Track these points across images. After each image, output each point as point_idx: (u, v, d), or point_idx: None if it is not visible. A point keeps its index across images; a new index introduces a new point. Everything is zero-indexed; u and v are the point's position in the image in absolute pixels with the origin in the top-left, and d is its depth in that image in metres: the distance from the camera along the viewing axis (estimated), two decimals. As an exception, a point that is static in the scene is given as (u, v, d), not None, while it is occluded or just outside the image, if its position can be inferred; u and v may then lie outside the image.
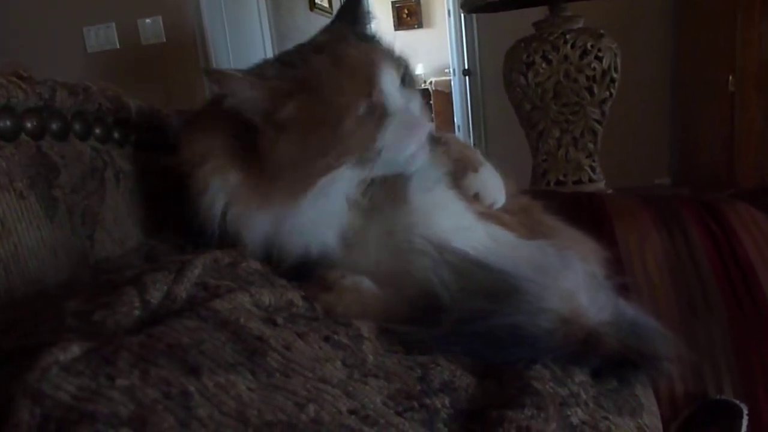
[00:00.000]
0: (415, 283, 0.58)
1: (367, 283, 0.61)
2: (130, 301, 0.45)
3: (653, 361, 0.58)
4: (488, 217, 0.68)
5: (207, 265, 0.53)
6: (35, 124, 0.62)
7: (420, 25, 8.18)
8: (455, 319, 0.52)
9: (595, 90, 2.29)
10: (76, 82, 0.70)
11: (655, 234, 1.01)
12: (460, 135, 4.87)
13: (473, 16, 3.91)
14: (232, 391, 0.37)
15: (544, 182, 2.44)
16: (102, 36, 2.84)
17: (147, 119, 0.82)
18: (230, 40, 3.07)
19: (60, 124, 0.66)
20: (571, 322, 0.55)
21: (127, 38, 2.83)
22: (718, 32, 3.03)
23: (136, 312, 0.45)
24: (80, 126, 0.69)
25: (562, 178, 2.42)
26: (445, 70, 6.89)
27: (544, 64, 2.29)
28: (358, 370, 0.46)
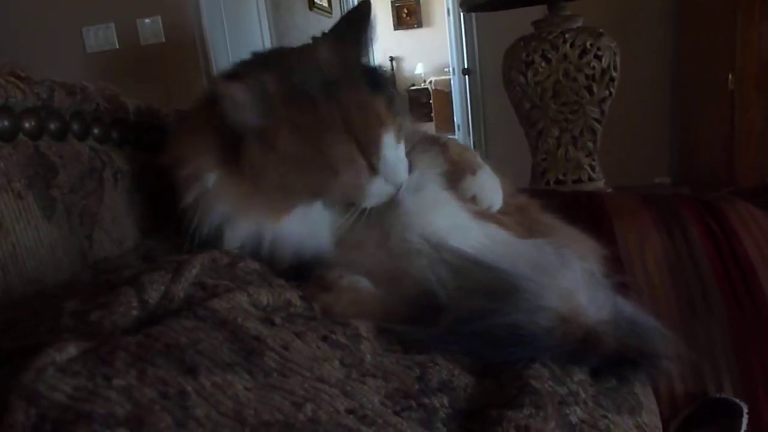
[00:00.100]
0: (413, 283, 0.58)
1: (365, 282, 0.60)
2: (127, 301, 0.45)
3: (652, 360, 0.58)
4: (484, 217, 0.68)
5: (205, 265, 0.52)
6: (33, 124, 0.62)
7: (419, 25, 8.18)
8: (453, 318, 0.52)
9: (595, 89, 2.29)
10: (74, 82, 0.70)
11: (655, 233, 1.01)
12: (460, 134, 4.87)
13: (472, 15, 3.91)
14: (229, 391, 0.37)
15: (544, 181, 2.44)
16: (101, 36, 2.84)
17: (145, 119, 0.82)
18: (229, 39, 3.06)
19: (58, 124, 0.66)
20: (569, 321, 0.55)
21: (127, 38, 2.83)
22: (718, 32, 3.03)
23: (134, 312, 0.44)
24: (78, 126, 0.69)
25: (561, 177, 2.42)
26: (445, 69, 6.90)
27: (543, 63, 2.29)
28: (356, 369, 0.46)
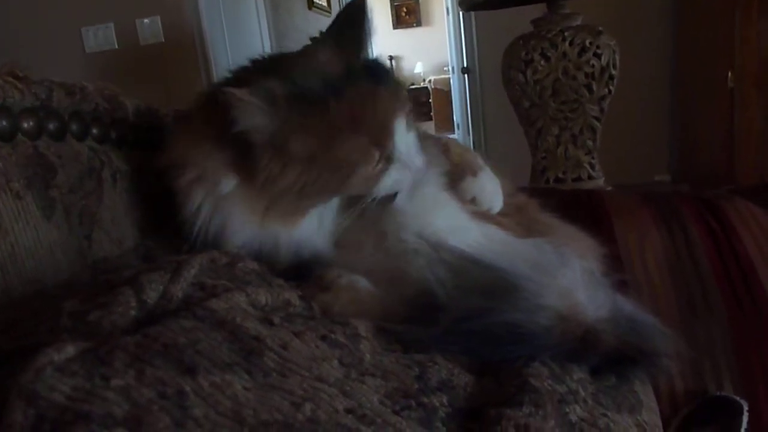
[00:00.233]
0: (412, 282, 0.58)
1: (364, 282, 0.60)
2: (126, 301, 0.45)
3: (652, 358, 0.58)
4: (483, 217, 0.68)
5: (204, 265, 0.52)
6: (32, 124, 0.62)
7: (419, 24, 8.18)
8: (452, 317, 0.52)
9: (594, 87, 2.29)
10: (73, 82, 0.70)
11: (655, 232, 1.01)
12: (460, 133, 4.87)
13: (472, 14, 3.91)
14: (228, 391, 0.37)
15: (544, 179, 2.44)
16: (100, 36, 2.84)
17: (144, 119, 0.82)
18: (229, 39, 3.06)
19: (57, 124, 0.66)
20: (569, 320, 0.55)
21: (126, 38, 2.83)
22: (717, 30, 3.03)
23: (133, 312, 0.44)
24: (77, 126, 0.69)
25: (561, 176, 2.42)
26: (444, 68, 6.90)
27: (542, 62, 2.29)
28: (355, 369, 0.46)
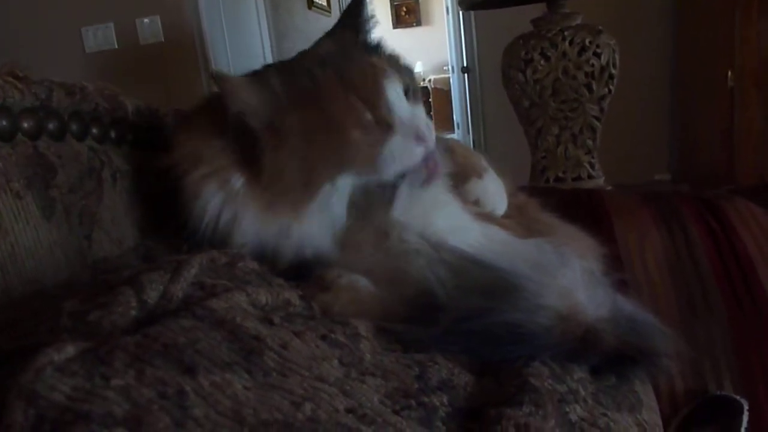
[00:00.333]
0: (413, 282, 0.57)
1: (364, 282, 0.60)
2: (126, 300, 0.45)
3: (652, 358, 0.58)
4: (484, 218, 0.68)
5: (204, 265, 0.52)
6: (32, 124, 0.62)
7: (418, 23, 8.18)
8: (452, 317, 0.52)
9: (594, 87, 2.29)
10: (73, 82, 0.70)
11: (655, 231, 1.01)
12: (459, 132, 4.87)
13: (471, 14, 3.91)
14: (228, 391, 0.37)
15: (543, 179, 2.44)
16: (100, 36, 2.84)
17: (144, 119, 0.82)
18: (229, 39, 3.07)
19: (57, 124, 0.66)
20: (569, 319, 0.54)
21: (126, 38, 2.84)
22: (717, 30, 3.03)
23: (133, 312, 0.44)
24: (77, 126, 0.69)
25: (561, 175, 2.42)
26: (444, 68, 6.90)
27: (542, 61, 2.29)
28: (356, 368, 0.46)
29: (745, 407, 0.82)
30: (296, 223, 0.61)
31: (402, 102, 0.62)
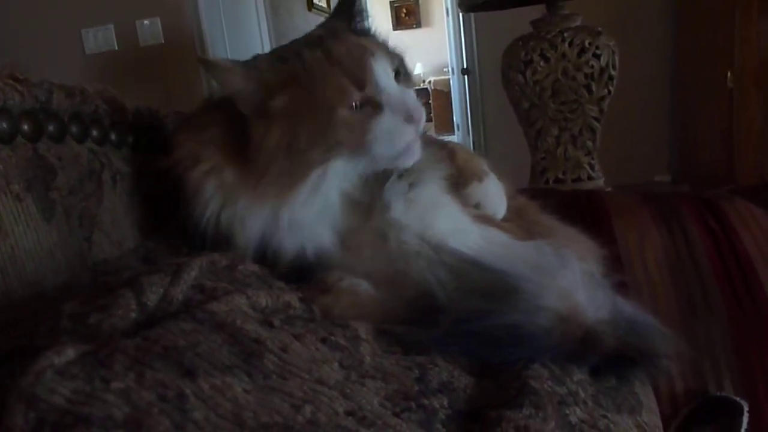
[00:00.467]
0: (413, 284, 0.57)
1: (365, 285, 0.60)
2: (126, 303, 0.45)
3: (652, 359, 0.58)
4: (484, 220, 0.68)
5: (204, 267, 0.52)
6: (32, 126, 0.62)
7: (418, 25, 8.18)
8: (452, 319, 0.52)
9: (593, 88, 2.29)
10: (73, 84, 0.70)
11: (655, 231, 1.01)
12: (459, 134, 4.87)
13: (471, 15, 3.91)
14: (228, 393, 0.37)
15: (543, 180, 2.44)
16: (100, 38, 2.84)
17: (144, 120, 0.82)
18: (228, 41, 3.07)
19: (57, 126, 0.66)
20: (569, 321, 0.55)
21: (126, 40, 2.84)
22: (717, 30, 3.03)
23: (133, 314, 0.44)
24: (77, 128, 0.69)
25: (561, 176, 2.42)
26: (444, 70, 6.89)
27: (542, 63, 2.29)
28: (356, 371, 0.46)
29: (745, 408, 0.82)
30: (285, 206, 0.60)
31: (390, 81, 0.62)
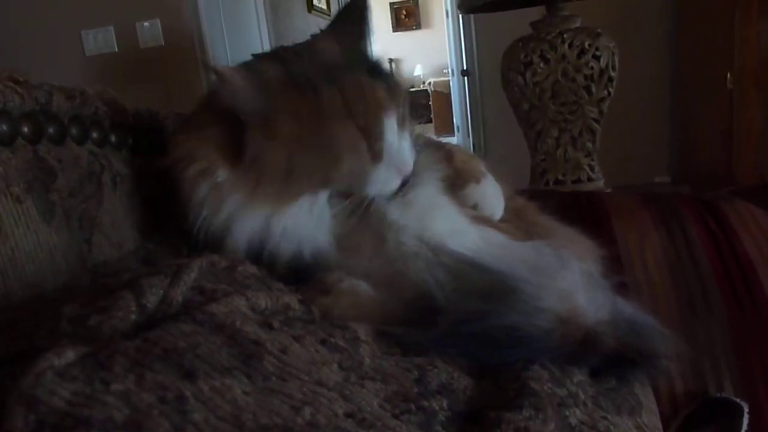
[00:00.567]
0: (411, 285, 0.58)
1: (364, 286, 0.60)
2: (126, 305, 0.45)
3: (652, 360, 0.58)
4: (481, 221, 0.69)
5: (203, 269, 0.52)
6: (32, 128, 0.62)
7: (418, 26, 8.19)
8: (451, 320, 0.52)
9: (593, 89, 2.29)
10: (73, 86, 0.70)
11: (655, 232, 1.01)
12: (459, 135, 4.88)
13: (471, 17, 3.92)
14: (227, 395, 0.37)
15: (543, 182, 2.44)
16: (100, 39, 2.85)
17: (144, 122, 0.82)
18: (228, 42, 3.07)
19: (57, 128, 0.66)
20: (568, 322, 0.54)
21: (126, 41, 2.84)
22: (717, 30, 3.04)
23: (133, 316, 0.44)
24: (77, 130, 0.69)
25: (561, 178, 2.42)
26: (444, 71, 6.90)
27: (542, 64, 2.30)
28: (355, 372, 0.46)
29: (745, 409, 0.82)
30: (278, 216, 0.62)
31: (394, 136, 0.63)
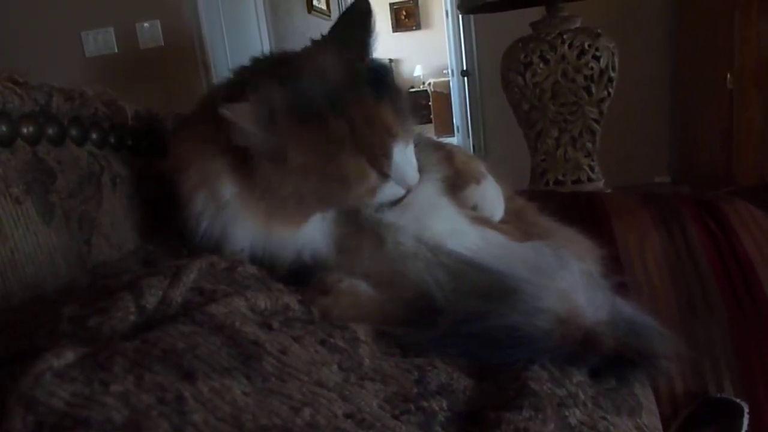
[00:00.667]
0: (411, 286, 0.58)
1: (364, 286, 0.60)
2: (125, 306, 0.45)
3: (652, 360, 0.58)
4: (481, 221, 0.69)
5: (203, 270, 0.52)
6: (31, 129, 0.62)
7: (418, 27, 8.19)
8: (451, 320, 0.52)
9: (593, 89, 2.29)
10: (73, 87, 0.70)
11: (655, 233, 1.01)
12: (459, 136, 4.88)
13: (471, 17, 3.92)
14: (227, 396, 0.37)
15: (543, 182, 2.44)
16: (100, 40, 2.85)
17: (144, 123, 0.82)
18: (228, 43, 3.07)
19: (56, 130, 0.66)
20: (568, 322, 0.54)
21: (126, 42, 2.84)
22: (717, 30, 3.04)
23: (132, 317, 0.44)
24: (77, 131, 0.69)
25: (561, 178, 2.42)
26: (444, 71, 6.90)
27: (541, 64, 2.30)
28: (355, 373, 0.46)
29: (745, 410, 0.82)
30: (290, 234, 0.63)
31: (401, 155, 0.63)
